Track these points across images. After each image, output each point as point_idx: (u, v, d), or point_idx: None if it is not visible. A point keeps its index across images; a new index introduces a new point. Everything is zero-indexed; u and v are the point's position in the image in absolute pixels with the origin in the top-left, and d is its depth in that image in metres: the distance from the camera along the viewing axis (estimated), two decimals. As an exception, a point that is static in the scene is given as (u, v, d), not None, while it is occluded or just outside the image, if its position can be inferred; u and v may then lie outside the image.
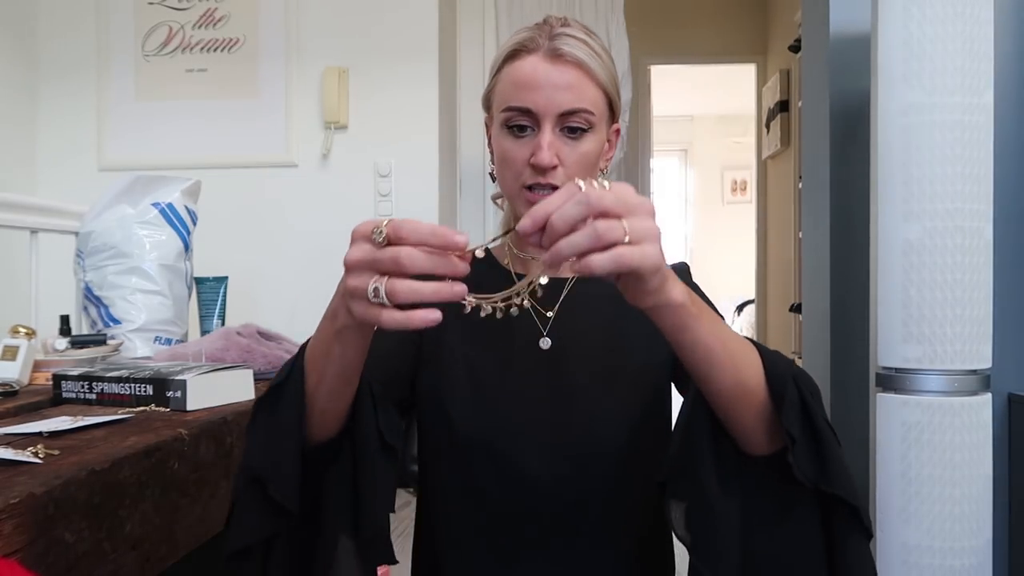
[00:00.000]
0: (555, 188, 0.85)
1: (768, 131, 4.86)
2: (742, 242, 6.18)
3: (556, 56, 0.86)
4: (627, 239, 0.58)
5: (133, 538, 0.80)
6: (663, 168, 7.82)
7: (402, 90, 2.70)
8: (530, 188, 0.87)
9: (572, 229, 0.58)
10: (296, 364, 0.74)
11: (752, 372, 0.71)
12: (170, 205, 1.60)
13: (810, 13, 1.58)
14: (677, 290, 0.65)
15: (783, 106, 4.49)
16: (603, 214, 0.58)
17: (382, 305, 0.60)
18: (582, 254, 0.58)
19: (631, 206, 0.59)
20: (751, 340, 0.75)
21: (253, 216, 2.59)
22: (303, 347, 0.75)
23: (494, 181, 0.97)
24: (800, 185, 2.10)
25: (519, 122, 0.87)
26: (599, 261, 0.58)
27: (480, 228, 3.24)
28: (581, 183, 0.60)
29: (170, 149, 2.71)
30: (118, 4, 2.77)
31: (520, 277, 0.94)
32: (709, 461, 0.73)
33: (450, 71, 3.09)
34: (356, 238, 0.61)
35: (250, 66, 2.74)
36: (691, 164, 8.17)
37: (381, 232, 0.59)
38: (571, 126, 0.87)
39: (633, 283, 0.62)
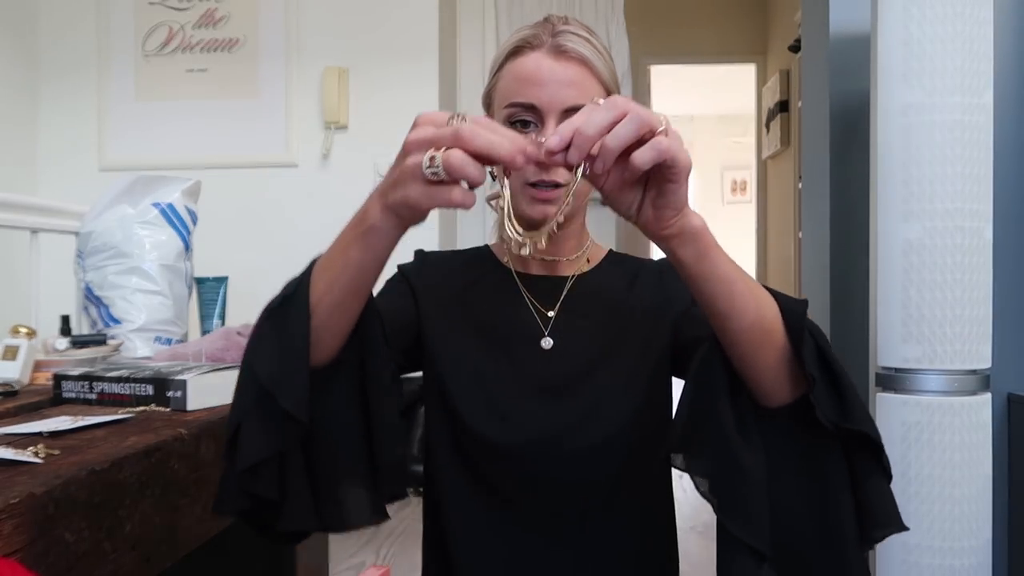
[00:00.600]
0: (558, 185, 0.86)
1: (768, 131, 4.87)
2: (742, 242, 6.18)
3: (559, 52, 0.86)
4: (662, 128, 0.61)
5: (133, 538, 0.80)
6: (663, 168, 7.81)
7: (402, 90, 2.70)
8: (533, 185, 0.86)
9: (601, 136, 0.60)
10: (304, 275, 0.72)
11: (770, 310, 0.71)
12: (170, 205, 1.61)
13: (810, 13, 1.58)
14: (697, 216, 0.67)
15: (783, 106, 4.50)
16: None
17: (441, 182, 0.60)
18: (627, 150, 0.60)
19: (652, 113, 0.61)
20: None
21: (253, 216, 2.59)
22: (313, 261, 0.74)
23: (493, 179, 0.97)
24: (800, 185, 2.10)
25: (522, 118, 0.87)
26: (642, 153, 0.60)
27: (480, 228, 3.23)
28: (600, 99, 0.61)
29: (170, 149, 2.72)
30: (118, 4, 2.77)
31: (520, 275, 0.94)
32: (729, 417, 0.72)
33: (450, 71, 3.09)
34: (420, 123, 0.62)
35: (250, 66, 2.75)
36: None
37: (463, 118, 0.61)
38: None
39: (667, 193, 0.64)
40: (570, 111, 0.85)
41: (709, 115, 7.91)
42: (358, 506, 0.76)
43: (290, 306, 0.72)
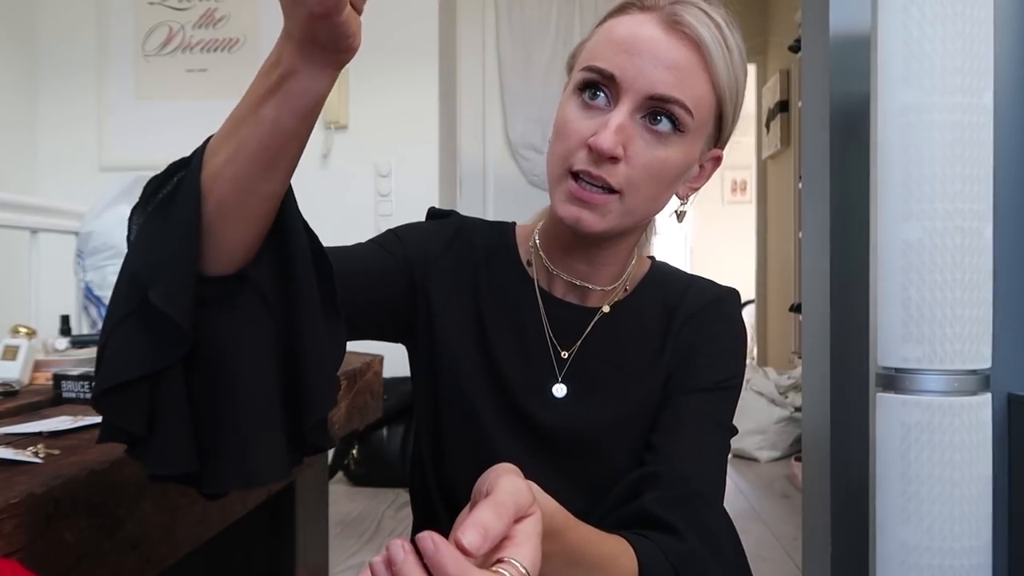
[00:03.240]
0: (608, 188, 0.68)
1: (768, 131, 4.86)
2: (742, 242, 6.18)
3: (672, 24, 0.68)
4: None
5: (133, 538, 0.80)
6: (663, 168, 7.79)
7: (402, 91, 2.70)
8: (576, 176, 0.68)
9: None
10: (196, 153, 0.57)
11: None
12: (170, 205, 1.61)
13: (810, 13, 1.58)
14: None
15: (783, 106, 4.50)
16: None
17: None
18: None
19: None
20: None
21: (253, 216, 2.59)
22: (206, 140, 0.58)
23: None
24: (800, 185, 2.10)
25: (595, 86, 0.69)
26: None
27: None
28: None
29: (170, 149, 2.71)
30: (118, 4, 2.77)
31: (544, 294, 0.80)
32: None
33: (450, 72, 3.09)
34: None
35: (250, 66, 2.74)
36: (691, 164, 8.16)
37: None
38: (656, 115, 0.68)
39: None
40: (656, 100, 0.67)
41: (709, 115, 7.90)
42: (266, 456, 0.59)
43: (176, 188, 0.56)
